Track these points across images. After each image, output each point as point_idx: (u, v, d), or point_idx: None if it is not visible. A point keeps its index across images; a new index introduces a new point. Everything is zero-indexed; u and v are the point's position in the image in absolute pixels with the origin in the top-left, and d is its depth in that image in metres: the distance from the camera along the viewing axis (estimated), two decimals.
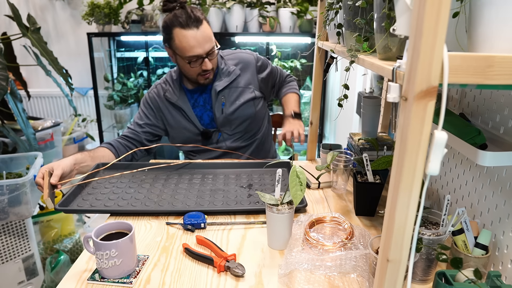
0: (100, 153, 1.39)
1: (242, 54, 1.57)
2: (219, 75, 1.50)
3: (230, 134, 1.53)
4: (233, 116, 1.50)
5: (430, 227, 0.84)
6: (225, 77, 1.50)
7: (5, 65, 1.60)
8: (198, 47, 1.34)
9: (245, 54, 1.58)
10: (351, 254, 0.84)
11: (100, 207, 1.11)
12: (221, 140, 1.53)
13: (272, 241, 0.95)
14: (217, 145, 1.53)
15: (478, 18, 0.53)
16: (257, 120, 1.57)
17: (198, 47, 1.34)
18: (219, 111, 1.50)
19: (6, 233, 1.51)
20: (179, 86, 1.51)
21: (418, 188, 0.50)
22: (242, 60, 1.55)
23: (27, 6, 3.17)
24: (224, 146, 1.54)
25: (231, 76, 1.50)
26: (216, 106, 1.49)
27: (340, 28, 0.98)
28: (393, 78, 0.55)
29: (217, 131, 1.52)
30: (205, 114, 1.52)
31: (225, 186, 1.25)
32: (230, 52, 1.59)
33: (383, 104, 1.49)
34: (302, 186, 0.88)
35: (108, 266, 0.81)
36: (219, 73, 1.50)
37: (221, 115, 1.50)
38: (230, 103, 1.50)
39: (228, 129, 1.52)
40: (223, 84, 1.49)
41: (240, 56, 1.56)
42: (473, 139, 0.75)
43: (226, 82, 1.49)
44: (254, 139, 1.58)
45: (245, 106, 1.51)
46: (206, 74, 1.42)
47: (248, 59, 1.56)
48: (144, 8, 2.99)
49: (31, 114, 3.40)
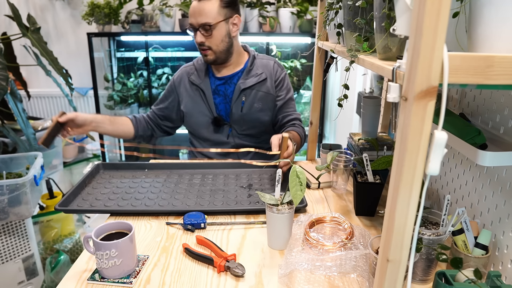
0: (121, 121, 1.50)
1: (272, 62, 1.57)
2: (246, 73, 1.52)
3: (239, 133, 1.55)
4: (249, 117, 1.52)
5: (430, 227, 0.84)
6: (252, 77, 1.51)
7: (5, 65, 1.60)
8: (192, 17, 1.40)
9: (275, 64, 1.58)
10: (351, 254, 0.84)
11: (100, 207, 1.11)
12: (231, 135, 1.55)
13: (272, 241, 0.95)
14: (226, 139, 1.55)
15: (478, 18, 0.53)
16: (269, 128, 1.58)
17: (192, 17, 1.40)
18: (237, 109, 1.51)
19: (6, 233, 1.51)
20: (205, 70, 1.55)
21: (418, 188, 0.50)
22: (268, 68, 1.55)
23: (27, 6, 3.17)
24: (232, 142, 1.55)
25: (258, 77, 1.51)
26: (235, 102, 1.51)
27: (340, 28, 0.98)
28: (393, 78, 0.55)
29: (228, 125, 1.54)
30: (222, 105, 1.54)
31: (225, 186, 1.25)
32: (265, 57, 1.60)
33: (383, 104, 1.49)
34: (302, 186, 0.88)
35: (108, 266, 0.81)
36: (247, 72, 1.52)
37: (238, 112, 1.51)
38: (249, 104, 1.51)
39: (239, 127, 1.54)
40: (249, 83, 1.50)
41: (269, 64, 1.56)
42: (473, 139, 0.75)
43: (252, 82, 1.50)
44: (260, 144, 1.57)
45: (262, 112, 1.53)
46: (201, 48, 1.45)
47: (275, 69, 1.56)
48: (144, 8, 2.99)
49: (31, 114, 3.40)
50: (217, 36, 1.42)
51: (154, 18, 2.95)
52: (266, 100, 1.52)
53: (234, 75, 1.53)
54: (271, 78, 1.54)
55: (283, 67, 1.61)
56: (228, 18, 1.43)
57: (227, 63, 1.52)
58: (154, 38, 3.02)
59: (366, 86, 2.10)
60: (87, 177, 1.28)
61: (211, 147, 1.57)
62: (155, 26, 2.96)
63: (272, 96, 1.53)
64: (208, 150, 1.55)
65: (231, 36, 1.46)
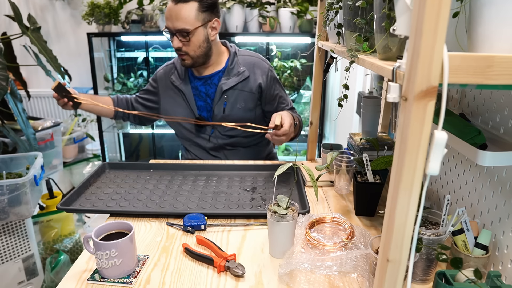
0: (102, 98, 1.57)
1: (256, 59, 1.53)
2: (227, 73, 1.48)
3: (222, 134, 1.53)
4: (231, 118, 1.48)
5: (430, 227, 0.84)
6: (234, 76, 1.48)
7: (5, 65, 1.60)
8: (168, 20, 1.36)
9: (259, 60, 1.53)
10: (351, 254, 0.84)
11: (102, 207, 1.11)
12: (213, 136, 1.54)
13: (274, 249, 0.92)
14: (209, 141, 1.54)
15: (478, 18, 0.53)
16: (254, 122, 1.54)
17: (168, 20, 1.36)
18: (220, 110, 1.49)
19: (6, 233, 1.51)
20: (185, 70, 1.53)
21: (418, 188, 0.50)
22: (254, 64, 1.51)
23: (27, 6, 3.17)
24: (214, 142, 1.54)
25: (240, 76, 1.47)
26: (218, 104, 1.48)
27: (340, 28, 0.98)
28: (393, 78, 0.55)
29: (210, 126, 1.53)
30: (203, 107, 1.52)
31: (229, 189, 1.24)
32: (247, 53, 1.55)
33: (383, 104, 1.49)
34: (315, 182, 0.89)
35: (108, 266, 0.81)
36: (228, 71, 1.48)
37: (220, 113, 1.49)
38: (231, 104, 1.48)
39: (222, 129, 1.51)
40: (230, 83, 1.47)
41: (253, 61, 1.51)
42: (473, 139, 0.75)
43: (234, 82, 1.47)
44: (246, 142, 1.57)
45: (246, 111, 1.50)
46: (178, 54, 1.42)
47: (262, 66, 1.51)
48: (144, 8, 2.99)
49: (31, 114, 3.39)
50: (194, 42, 1.38)
51: (154, 18, 2.95)
52: (249, 99, 1.49)
53: (215, 74, 1.50)
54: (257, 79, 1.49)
55: (269, 64, 1.55)
56: (207, 22, 1.37)
57: (206, 64, 1.48)
58: (154, 38, 3.02)
59: (367, 87, 2.10)
60: (92, 176, 1.28)
61: (194, 147, 1.58)
62: (155, 26, 2.96)
63: (255, 95, 1.49)
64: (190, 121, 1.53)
65: (210, 41, 1.41)
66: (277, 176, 0.87)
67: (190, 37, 1.36)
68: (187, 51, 1.39)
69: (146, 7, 2.99)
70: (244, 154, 1.58)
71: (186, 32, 1.35)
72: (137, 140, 3.57)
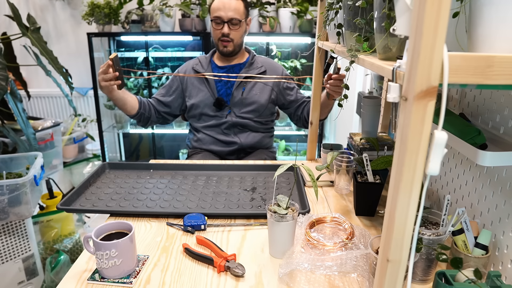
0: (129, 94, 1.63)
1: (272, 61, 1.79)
2: (248, 66, 1.71)
3: (237, 115, 1.69)
4: (247, 101, 1.68)
5: (430, 227, 0.84)
6: (253, 69, 1.70)
7: (5, 65, 1.60)
8: (221, 10, 1.58)
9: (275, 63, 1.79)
10: (351, 254, 0.84)
11: (102, 207, 1.11)
12: (229, 115, 1.70)
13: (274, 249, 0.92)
14: (225, 118, 1.69)
15: (478, 18, 0.53)
16: (265, 112, 1.72)
17: (222, 11, 1.58)
18: (238, 93, 1.68)
19: (6, 233, 1.51)
20: (209, 61, 1.74)
21: (418, 188, 0.50)
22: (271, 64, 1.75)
23: (27, 6, 3.17)
24: (229, 120, 1.68)
25: (259, 69, 1.70)
26: (237, 88, 1.68)
27: (340, 28, 0.98)
28: (393, 78, 0.55)
29: (228, 107, 1.69)
30: (223, 90, 1.70)
31: (229, 189, 1.24)
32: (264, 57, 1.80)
33: (383, 104, 1.49)
34: (315, 182, 0.89)
35: (108, 266, 0.81)
36: (249, 64, 1.71)
37: (239, 96, 1.68)
38: (249, 90, 1.68)
39: (238, 110, 1.69)
40: (251, 73, 1.69)
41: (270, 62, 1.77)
42: (473, 139, 0.75)
43: (253, 73, 1.69)
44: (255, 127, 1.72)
45: (260, 97, 1.69)
46: (224, 40, 1.62)
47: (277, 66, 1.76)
48: (144, 8, 2.99)
49: (31, 114, 3.39)
50: (240, 32, 1.64)
51: (154, 18, 2.95)
52: (264, 89, 1.70)
53: (236, 65, 1.72)
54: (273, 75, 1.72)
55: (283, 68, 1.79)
56: (247, 18, 1.67)
57: (235, 56, 1.71)
58: (154, 38, 3.02)
59: (367, 87, 2.10)
60: (92, 176, 1.28)
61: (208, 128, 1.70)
62: (155, 26, 2.96)
63: (270, 88, 1.70)
64: None
65: (245, 34, 1.69)
66: (277, 176, 0.87)
67: (239, 26, 1.61)
68: (233, 37, 1.63)
69: (146, 7, 2.99)
70: (251, 137, 1.71)
71: (238, 20, 1.60)
72: (137, 140, 3.57)
